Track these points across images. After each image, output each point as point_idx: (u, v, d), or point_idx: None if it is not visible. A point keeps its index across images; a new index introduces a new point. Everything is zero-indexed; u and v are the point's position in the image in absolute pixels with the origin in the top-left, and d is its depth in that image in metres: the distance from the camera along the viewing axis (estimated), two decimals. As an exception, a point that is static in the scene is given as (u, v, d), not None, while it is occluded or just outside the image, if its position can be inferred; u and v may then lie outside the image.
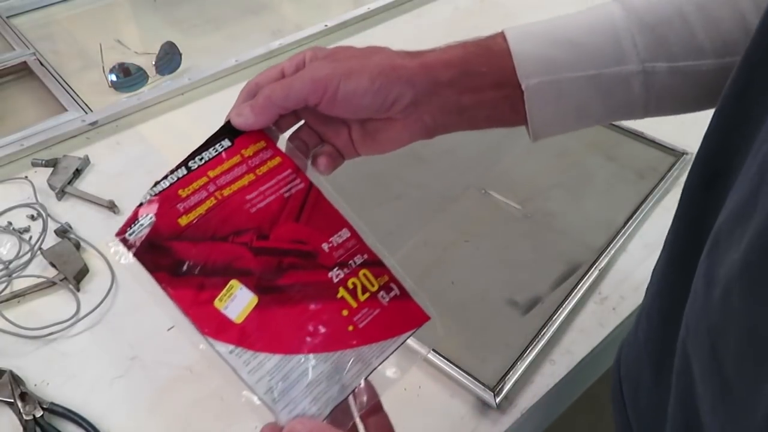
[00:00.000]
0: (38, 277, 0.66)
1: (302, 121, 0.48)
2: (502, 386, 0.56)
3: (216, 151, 0.44)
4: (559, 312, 0.62)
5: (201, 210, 0.42)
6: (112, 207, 0.73)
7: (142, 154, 0.82)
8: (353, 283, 0.43)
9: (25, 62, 0.97)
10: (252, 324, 0.41)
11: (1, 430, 0.55)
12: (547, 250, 0.70)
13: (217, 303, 0.41)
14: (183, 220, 0.42)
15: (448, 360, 0.58)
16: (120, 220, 0.41)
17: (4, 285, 0.65)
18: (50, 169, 0.78)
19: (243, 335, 0.40)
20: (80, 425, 0.54)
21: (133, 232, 0.41)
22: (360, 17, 1.08)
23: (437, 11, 1.13)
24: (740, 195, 0.30)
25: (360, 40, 1.05)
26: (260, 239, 0.43)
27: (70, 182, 0.77)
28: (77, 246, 0.69)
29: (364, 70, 0.43)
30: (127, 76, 0.93)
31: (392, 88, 0.43)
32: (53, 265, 0.67)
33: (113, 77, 0.93)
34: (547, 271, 0.67)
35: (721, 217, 0.31)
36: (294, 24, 1.12)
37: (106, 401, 0.56)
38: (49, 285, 0.65)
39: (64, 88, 0.91)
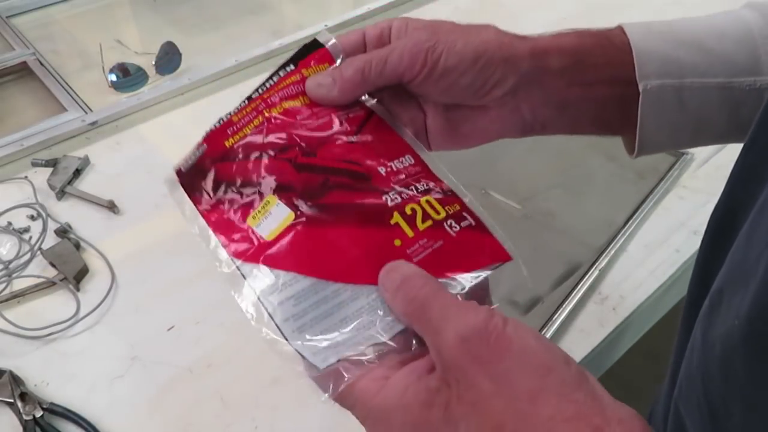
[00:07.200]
0: (38, 277, 0.66)
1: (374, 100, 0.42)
2: (502, 386, 0.56)
3: (278, 76, 0.41)
4: (559, 312, 0.62)
5: (247, 130, 0.39)
6: (111, 207, 0.73)
7: (142, 154, 0.82)
8: (412, 209, 0.35)
9: (25, 62, 0.97)
10: (284, 241, 0.35)
11: (1, 430, 0.54)
12: (547, 250, 0.70)
13: (250, 221, 0.36)
14: (229, 142, 0.39)
15: (448, 360, 0.58)
16: (119, 220, 0.41)
17: (4, 285, 0.65)
18: (50, 169, 0.78)
19: (271, 253, 0.35)
20: (80, 425, 0.54)
21: (186, 162, 0.39)
22: (360, 17, 1.08)
23: (437, 11, 1.12)
24: (740, 257, 0.27)
25: (360, 40, 1.05)
26: (306, 156, 0.37)
27: (70, 182, 0.77)
28: (77, 246, 0.69)
29: (468, 45, 0.39)
30: (127, 76, 0.93)
31: (496, 70, 0.39)
32: (53, 265, 0.67)
33: (113, 77, 0.92)
34: (547, 271, 0.67)
35: (719, 279, 0.28)
36: (294, 24, 1.12)
37: (106, 401, 0.56)
38: (49, 285, 0.65)
39: (64, 88, 0.91)
